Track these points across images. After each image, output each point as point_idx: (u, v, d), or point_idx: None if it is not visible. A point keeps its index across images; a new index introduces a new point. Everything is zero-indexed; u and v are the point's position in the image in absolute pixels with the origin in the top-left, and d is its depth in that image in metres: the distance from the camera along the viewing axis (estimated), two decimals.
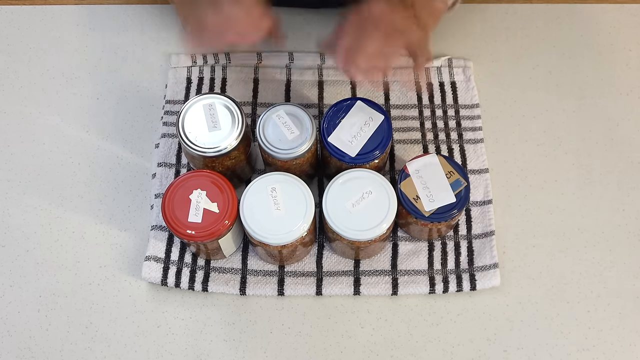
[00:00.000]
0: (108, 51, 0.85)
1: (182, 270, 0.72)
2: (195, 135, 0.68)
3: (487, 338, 0.70)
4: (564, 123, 0.80)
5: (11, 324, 0.71)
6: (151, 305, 0.71)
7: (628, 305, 0.71)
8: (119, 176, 0.78)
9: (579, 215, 0.75)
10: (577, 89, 0.82)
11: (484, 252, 0.72)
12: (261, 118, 0.69)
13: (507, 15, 0.87)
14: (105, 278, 0.73)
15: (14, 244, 0.74)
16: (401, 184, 0.68)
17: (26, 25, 0.87)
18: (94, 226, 0.75)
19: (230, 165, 0.71)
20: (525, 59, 0.84)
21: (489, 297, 0.71)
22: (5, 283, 0.73)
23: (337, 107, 0.71)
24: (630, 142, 0.79)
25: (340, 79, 0.82)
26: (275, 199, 0.66)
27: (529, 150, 0.79)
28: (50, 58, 0.85)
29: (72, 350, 0.70)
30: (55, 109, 0.82)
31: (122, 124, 0.81)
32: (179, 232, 0.66)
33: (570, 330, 0.70)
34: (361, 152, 0.69)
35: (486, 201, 0.75)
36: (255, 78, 0.83)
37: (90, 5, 0.88)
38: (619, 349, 0.69)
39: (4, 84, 0.83)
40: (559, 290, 0.72)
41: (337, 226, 0.65)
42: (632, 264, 0.73)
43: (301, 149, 0.68)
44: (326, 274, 0.72)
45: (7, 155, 0.79)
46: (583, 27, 0.86)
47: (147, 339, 0.70)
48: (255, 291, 0.71)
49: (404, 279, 0.71)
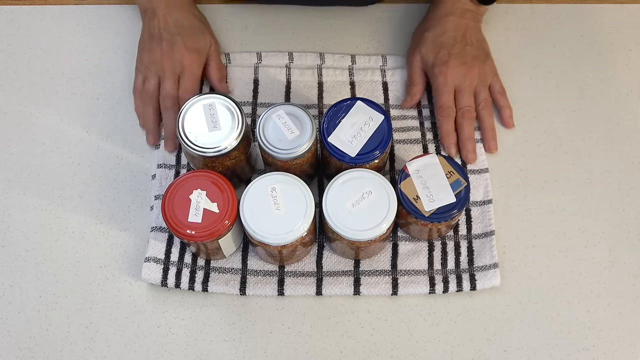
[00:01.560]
0: (108, 51, 0.85)
1: (182, 270, 0.72)
2: (195, 135, 0.68)
3: (487, 338, 0.70)
4: (564, 123, 0.80)
5: (11, 324, 0.71)
6: (151, 305, 0.71)
7: (628, 305, 0.71)
8: (119, 176, 0.78)
9: (579, 215, 0.75)
10: (577, 89, 0.82)
11: (484, 252, 0.72)
12: (261, 118, 0.69)
13: (507, 15, 0.87)
14: (105, 278, 0.73)
15: (14, 244, 0.74)
16: (401, 184, 0.68)
17: (26, 25, 0.87)
18: (94, 226, 0.75)
19: (230, 165, 0.71)
20: (525, 59, 0.84)
21: (489, 297, 0.71)
22: (5, 283, 0.73)
23: (337, 107, 0.71)
24: (630, 142, 0.79)
25: (340, 79, 0.82)
26: (275, 199, 0.66)
27: (529, 150, 0.79)
28: (50, 58, 0.85)
29: (72, 350, 0.70)
30: (55, 109, 0.82)
31: (122, 124, 0.81)
32: (179, 232, 0.66)
33: (570, 330, 0.70)
34: (361, 152, 0.69)
35: (486, 201, 0.75)
36: (255, 78, 0.83)
37: (90, 5, 0.88)
38: (619, 349, 0.69)
39: (4, 84, 0.83)
40: (559, 290, 0.72)
41: (337, 226, 0.65)
42: (632, 264, 0.73)
43: (301, 149, 0.68)
44: (326, 274, 0.72)
45: (7, 155, 0.79)
46: (583, 27, 0.86)
47: (147, 339, 0.70)
48: (255, 291, 0.71)
49: (404, 279, 0.71)
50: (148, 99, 0.78)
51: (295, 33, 0.86)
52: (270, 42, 0.86)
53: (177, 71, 0.78)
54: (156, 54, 0.78)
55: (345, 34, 0.86)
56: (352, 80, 0.82)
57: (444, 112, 0.77)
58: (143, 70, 0.79)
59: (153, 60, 0.78)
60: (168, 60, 0.77)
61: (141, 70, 0.79)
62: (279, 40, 0.86)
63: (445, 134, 0.77)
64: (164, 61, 0.78)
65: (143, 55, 0.80)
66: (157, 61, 0.78)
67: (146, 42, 0.80)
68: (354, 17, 0.87)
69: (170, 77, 0.78)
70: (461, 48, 0.78)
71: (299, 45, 0.85)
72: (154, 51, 0.78)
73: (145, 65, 0.79)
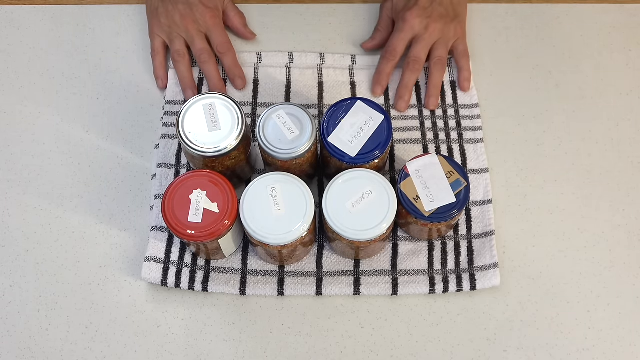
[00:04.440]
0: (108, 51, 0.85)
1: (182, 270, 0.72)
2: (195, 135, 0.68)
3: (487, 338, 0.70)
4: (564, 123, 0.80)
5: (11, 324, 0.71)
6: (151, 305, 0.71)
7: (628, 305, 0.71)
8: (119, 176, 0.78)
9: (579, 215, 0.75)
10: (577, 89, 0.82)
11: (484, 252, 0.72)
12: (261, 118, 0.69)
13: (507, 15, 0.87)
14: (105, 278, 0.73)
15: (14, 244, 0.74)
16: (401, 184, 0.68)
17: (26, 25, 0.87)
18: (94, 226, 0.75)
19: (230, 165, 0.71)
20: (525, 59, 0.84)
21: (489, 297, 0.71)
22: (5, 283, 0.73)
23: (337, 107, 0.71)
24: (630, 142, 0.79)
25: (340, 79, 0.82)
26: (275, 199, 0.66)
27: (529, 150, 0.79)
28: (50, 58, 0.85)
29: (72, 350, 0.70)
30: (55, 109, 0.82)
31: (122, 124, 0.81)
32: (179, 232, 0.66)
33: (570, 330, 0.70)
34: (361, 152, 0.69)
35: (486, 201, 0.75)
36: (255, 78, 0.83)
37: (90, 5, 0.88)
38: (619, 349, 0.69)
39: (4, 84, 0.83)
40: (559, 290, 0.72)
41: (337, 226, 0.65)
42: (632, 264, 0.73)
43: (301, 149, 0.68)
44: (326, 274, 0.72)
45: (7, 155, 0.79)
46: (583, 27, 0.86)
47: (147, 339, 0.70)
48: (255, 291, 0.71)
49: (404, 279, 0.71)
50: (179, 59, 0.80)
51: (295, 33, 0.86)
52: (270, 42, 0.86)
53: (203, 30, 0.80)
54: (175, 17, 0.79)
55: (346, 33, 0.86)
56: (352, 80, 0.82)
57: (388, 54, 0.79)
58: (163, 34, 0.80)
59: (173, 23, 0.79)
60: (191, 21, 0.79)
61: (159, 35, 0.81)
62: (279, 40, 0.86)
63: (378, 72, 0.79)
64: (187, 23, 0.79)
65: (159, 20, 0.80)
66: (178, 24, 0.79)
67: (159, 6, 0.80)
68: (354, 16, 0.87)
69: (197, 35, 0.79)
70: (429, 3, 0.79)
71: (299, 45, 0.85)
72: (172, 14, 0.79)
73: (164, 30, 0.80)
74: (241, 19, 0.84)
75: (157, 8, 0.81)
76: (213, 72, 0.80)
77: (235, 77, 0.81)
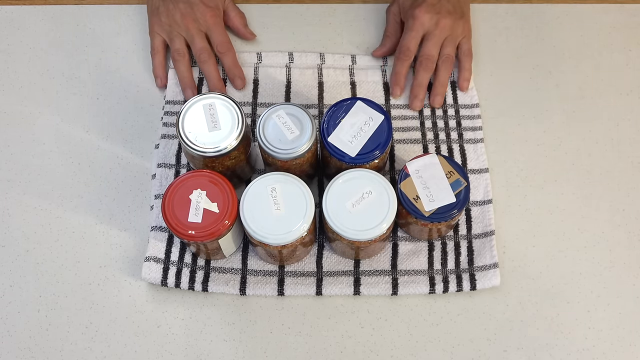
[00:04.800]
0: (108, 51, 0.85)
1: (182, 270, 0.72)
2: (195, 135, 0.68)
3: (487, 338, 0.70)
4: (564, 123, 0.80)
5: (11, 324, 0.71)
6: (151, 305, 0.71)
7: (628, 305, 0.71)
8: (119, 176, 0.78)
9: (579, 215, 0.75)
10: (577, 89, 0.82)
11: (484, 252, 0.72)
12: (261, 118, 0.69)
13: (507, 15, 0.87)
14: (105, 278, 0.73)
15: (14, 244, 0.74)
16: (401, 184, 0.68)
17: (26, 25, 0.87)
18: (94, 226, 0.75)
19: (230, 165, 0.71)
20: (525, 59, 0.84)
21: (489, 297, 0.71)
22: (5, 283, 0.73)
23: (337, 107, 0.71)
24: (630, 142, 0.79)
25: (340, 79, 0.82)
26: (275, 199, 0.66)
27: (529, 150, 0.79)
28: (50, 58, 0.85)
29: (72, 350, 0.70)
30: (55, 109, 0.82)
31: (122, 124, 0.81)
32: (179, 232, 0.66)
33: (570, 330, 0.70)
34: (361, 152, 0.69)
35: (486, 201, 0.75)
36: (255, 78, 0.83)
37: (90, 5, 0.88)
38: (619, 349, 0.69)
39: (4, 84, 0.83)
40: (559, 290, 0.72)
41: (337, 226, 0.65)
42: (632, 264, 0.73)
43: (301, 149, 0.68)
44: (326, 274, 0.72)
45: (7, 155, 0.79)
46: (583, 27, 0.86)
47: (147, 339, 0.70)
48: (255, 291, 0.71)
49: (404, 279, 0.71)
50: (179, 58, 0.80)
51: (295, 33, 0.86)
52: (270, 42, 0.86)
53: (203, 29, 0.80)
54: (175, 16, 0.79)
55: (346, 33, 0.86)
56: (352, 80, 0.82)
57: (402, 54, 0.79)
58: (163, 33, 0.81)
59: (173, 22, 0.80)
60: (191, 20, 0.79)
61: (160, 33, 0.81)
62: (279, 40, 0.86)
63: (395, 74, 0.79)
64: (187, 22, 0.79)
65: (160, 18, 0.80)
66: (179, 23, 0.79)
67: (160, 5, 0.81)
68: (354, 16, 0.87)
69: (198, 35, 0.80)
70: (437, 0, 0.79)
71: (299, 45, 0.85)
72: (172, 13, 0.79)
73: (164, 29, 0.80)
74: (241, 19, 0.85)
75: (158, 7, 0.81)
76: (213, 71, 0.80)
77: (235, 77, 0.81)
